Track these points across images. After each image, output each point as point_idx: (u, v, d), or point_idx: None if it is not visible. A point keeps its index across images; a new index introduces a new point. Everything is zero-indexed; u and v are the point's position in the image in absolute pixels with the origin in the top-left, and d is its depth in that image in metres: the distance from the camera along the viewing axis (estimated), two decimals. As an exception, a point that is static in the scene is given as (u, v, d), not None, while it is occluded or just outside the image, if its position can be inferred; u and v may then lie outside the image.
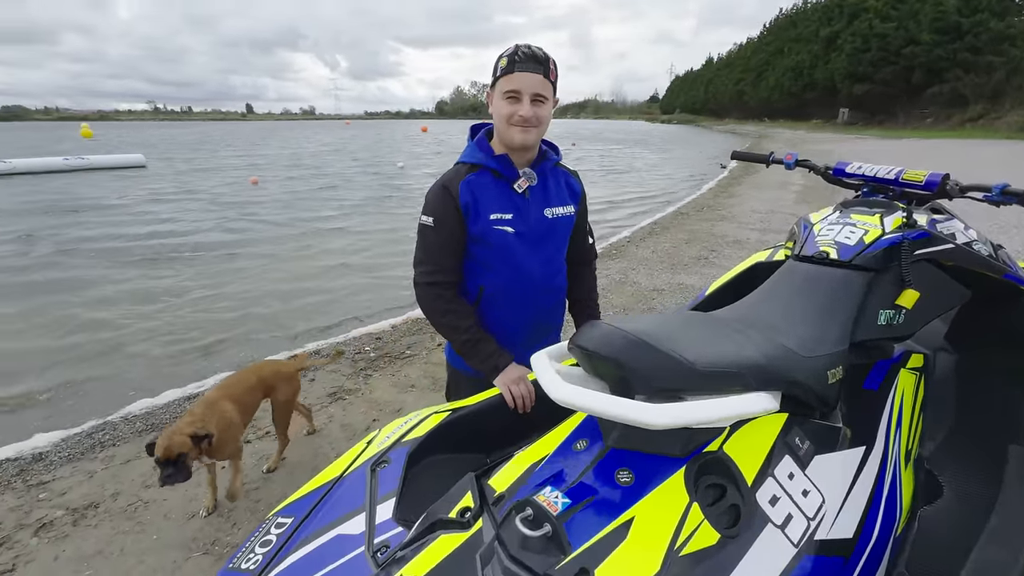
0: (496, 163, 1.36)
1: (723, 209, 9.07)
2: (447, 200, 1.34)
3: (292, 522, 0.93)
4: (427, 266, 1.38)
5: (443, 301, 1.38)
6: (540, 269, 1.44)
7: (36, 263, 6.55)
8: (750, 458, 0.79)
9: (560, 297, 1.57)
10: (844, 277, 1.10)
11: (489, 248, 1.38)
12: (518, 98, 1.27)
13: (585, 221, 1.59)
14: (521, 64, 1.25)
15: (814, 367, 0.89)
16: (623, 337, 0.73)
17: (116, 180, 14.81)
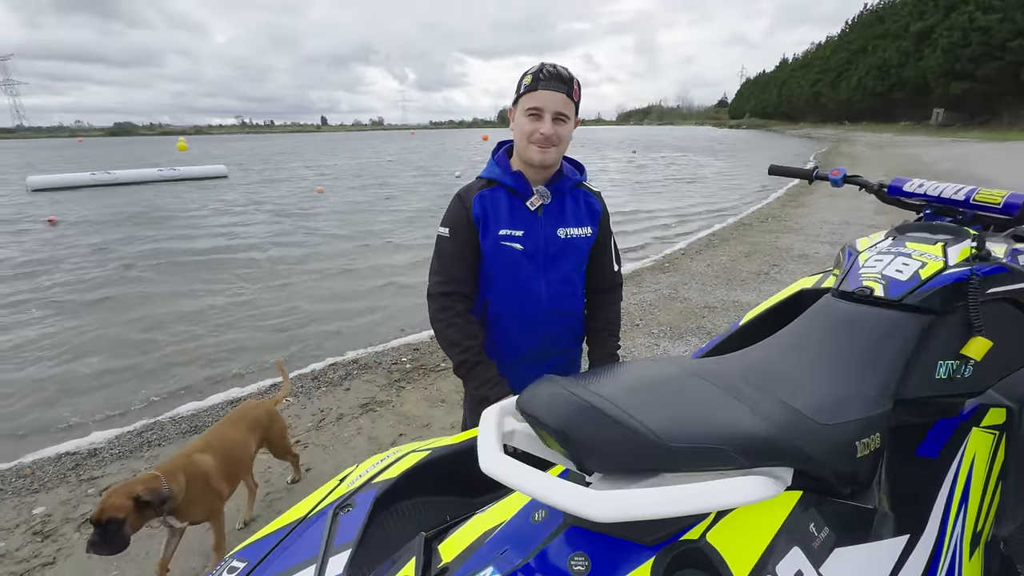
0: (511, 179, 1.35)
1: (790, 220, 8.47)
2: (461, 211, 1.35)
3: (245, 568, 0.87)
4: (440, 276, 1.37)
5: (450, 313, 1.34)
6: (548, 290, 1.39)
7: (107, 273, 7.17)
8: (743, 550, 0.65)
9: (570, 321, 1.47)
10: (892, 320, 0.92)
11: (496, 263, 1.36)
12: (540, 116, 1.26)
13: (608, 244, 1.49)
14: (545, 82, 1.24)
15: (835, 438, 0.72)
16: (571, 402, 0.62)
17: (197, 190, 16.06)
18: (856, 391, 0.82)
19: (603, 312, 1.51)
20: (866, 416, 0.78)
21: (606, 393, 0.63)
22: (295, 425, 2.92)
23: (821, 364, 0.86)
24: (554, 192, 1.36)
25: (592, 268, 1.47)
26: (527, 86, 1.26)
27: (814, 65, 74.50)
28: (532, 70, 1.27)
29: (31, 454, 2.81)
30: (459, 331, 1.33)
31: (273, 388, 3.43)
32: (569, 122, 1.29)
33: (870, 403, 0.81)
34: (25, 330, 4.94)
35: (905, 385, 0.88)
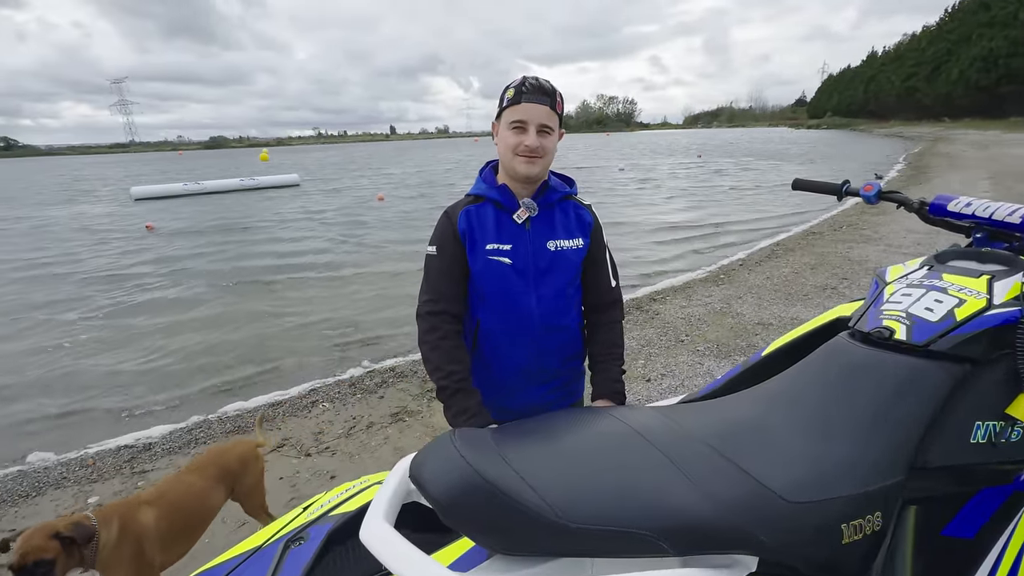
0: (497, 193, 1.33)
1: (868, 228, 7.75)
2: (447, 228, 1.33)
3: (194, 595, 0.87)
4: (428, 295, 1.35)
5: (436, 335, 1.31)
6: (540, 305, 1.33)
7: (183, 276, 7.77)
8: None
9: (566, 338, 1.40)
10: (913, 369, 0.77)
11: (485, 279, 1.32)
12: (524, 128, 1.25)
13: (603, 257, 1.42)
14: (528, 95, 1.24)
15: (810, 521, 0.60)
16: (460, 473, 0.54)
17: (270, 200, 17.17)
18: (855, 458, 0.68)
19: (603, 334, 1.43)
20: (860, 491, 0.65)
21: (513, 455, 0.55)
22: (326, 431, 3.00)
23: (814, 422, 0.73)
24: (542, 205, 1.33)
25: (587, 283, 1.41)
26: (510, 99, 1.25)
27: (908, 58, 68.27)
28: (514, 84, 1.26)
29: (95, 444, 3.08)
30: (443, 355, 1.29)
31: (311, 392, 3.56)
32: (553, 134, 1.28)
33: (871, 473, 0.67)
34: (110, 324, 5.46)
35: (927, 450, 0.73)
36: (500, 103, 1.30)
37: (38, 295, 6.75)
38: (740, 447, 0.66)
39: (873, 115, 77.25)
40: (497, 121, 1.33)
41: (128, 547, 1.50)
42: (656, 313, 4.61)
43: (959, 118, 51.01)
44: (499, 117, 1.32)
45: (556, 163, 1.39)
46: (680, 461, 0.60)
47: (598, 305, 1.44)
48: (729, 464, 0.62)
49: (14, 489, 2.68)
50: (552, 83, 1.27)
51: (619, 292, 1.47)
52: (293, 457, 2.77)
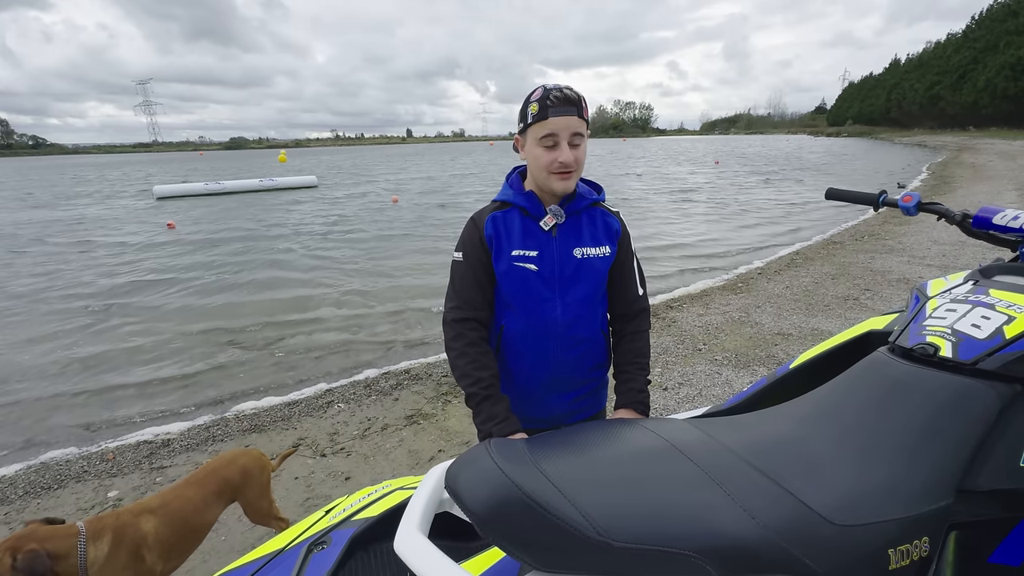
0: (524, 200, 1.32)
1: (891, 238, 7.60)
2: (474, 233, 1.33)
3: (217, 596, 0.87)
4: (454, 301, 1.34)
5: (463, 342, 1.30)
6: (564, 313, 1.32)
7: (201, 274, 7.89)
8: None
9: (591, 347, 1.38)
10: (960, 388, 0.74)
11: (510, 285, 1.31)
12: (557, 144, 1.21)
13: (631, 265, 1.41)
14: (555, 108, 1.20)
15: (858, 545, 0.57)
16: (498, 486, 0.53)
17: (289, 200, 17.39)
18: (900, 480, 0.66)
19: (628, 343, 1.41)
20: (908, 515, 0.62)
21: (551, 468, 0.54)
22: (341, 432, 3.01)
23: (855, 441, 0.70)
24: (569, 212, 1.31)
25: (615, 291, 1.39)
26: (535, 115, 1.21)
27: (932, 65, 67.06)
28: (537, 97, 1.21)
29: (115, 440, 3.13)
30: (471, 361, 1.28)
31: (327, 392, 3.58)
32: (584, 142, 1.25)
33: (918, 497, 0.65)
34: (127, 321, 5.56)
35: (975, 473, 0.70)
36: (523, 118, 1.26)
37: (53, 290, 6.91)
38: (780, 465, 0.63)
39: (895, 124, 75.96)
40: (521, 136, 1.30)
41: (126, 555, 1.49)
42: (673, 321, 4.56)
43: (985, 127, 49.92)
44: (523, 132, 1.27)
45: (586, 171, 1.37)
46: (721, 479, 0.58)
47: (625, 314, 1.41)
48: (771, 483, 0.60)
49: (37, 481, 2.72)
50: (574, 89, 1.23)
51: (646, 301, 1.45)
52: (308, 457, 2.78)
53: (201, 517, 1.71)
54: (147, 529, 1.56)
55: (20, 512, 2.48)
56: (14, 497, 2.61)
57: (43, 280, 7.49)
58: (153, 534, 1.57)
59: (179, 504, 1.67)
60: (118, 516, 1.55)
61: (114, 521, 1.52)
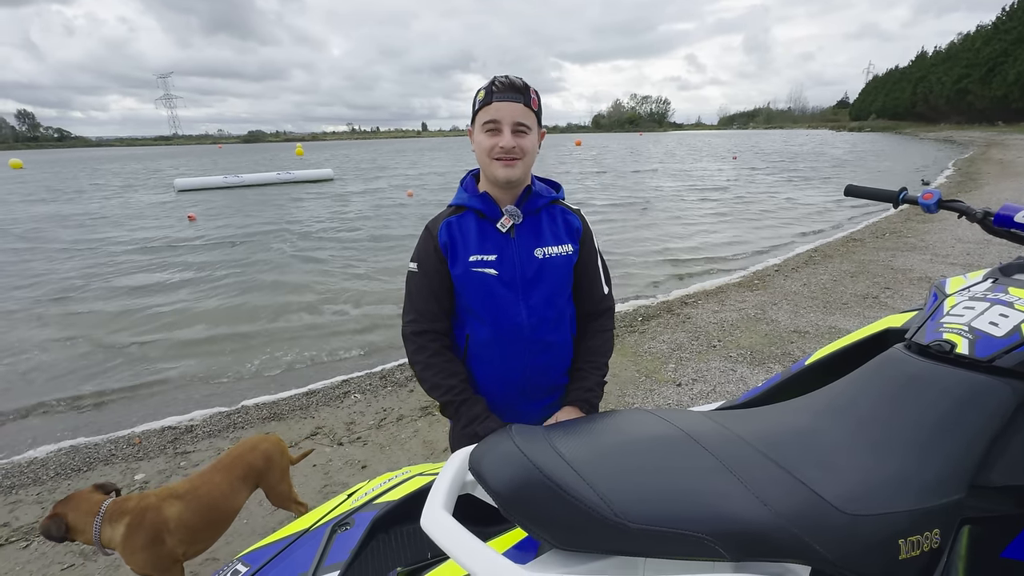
0: (478, 202, 1.27)
1: (913, 236, 7.45)
2: (428, 242, 1.28)
3: (247, 572, 0.91)
4: (411, 315, 1.29)
5: (426, 354, 1.27)
6: (530, 316, 1.26)
7: (220, 268, 8.03)
8: None
9: (559, 354, 1.34)
10: (976, 385, 0.74)
11: (471, 292, 1.26)
12: (499, 129, 1.18)
13: (595, 264, 1.36)
14: (499, 94, 1.17)
15: (868, 534, 0.59)
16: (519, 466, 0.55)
17: (306, 193, 17.59)
18: (912, 473, 0.67)
19: (588, 341, 1.37)
20: (919, 507, 0.63)
21: (570, 453, 0.56)
22: (358, 422, 3.07)
23: (868, 434, 0.72)
24: (527, 211, 1.27)
25: (579, 291, 1.35)
26: (481, 101, 1.18)
27: (960, 58, 65.11)
28: (485, 85, 1.19)
29: (142, 424, 3.23)
30: (438, 371, 1.26)
31: (343, 383, 3.65)
32: (531, 133, 1.20)
33: (929, 490, 0.66)
34: (150, 310, 5.71)
35: (989, 468, 0.71)
36: (473, 107, 1.23)
37: (76, 277, 7.11)
38: (793, 456, 0.65)
39: (921, 118, 74.06)
40: (471, 127, 1.26)
41: (144, 538, 1.55)
42: (687, 317, 4.54)
43: (1015, 122, 48.42)
44: (473, 122, 1.25)
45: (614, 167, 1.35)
46: (734, 467, 0.60)
47: (591, 313, 1.38)
48: (783, 472, 0.61)
49: (67, 463, 2.83)
50: (524, 80, 1.19)
51: (612, 300, 1.41)
52: (326, 446, 2.84)
53: (229, 502, 1.76)
54: (170, 514, 1.61)
55: (51, 492, 2.59)
56: (46, 478, 2.72)
57: (76, 271, 7.70)
58: (176, 519, 1.61)
59: (207, 490, 1.72)
60: (142, 499, 1.61)
61: (136, 504, 1.58)
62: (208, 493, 1.72)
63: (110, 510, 1.56)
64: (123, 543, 1.54)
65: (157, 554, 1.58)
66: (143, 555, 1.56)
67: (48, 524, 1.51)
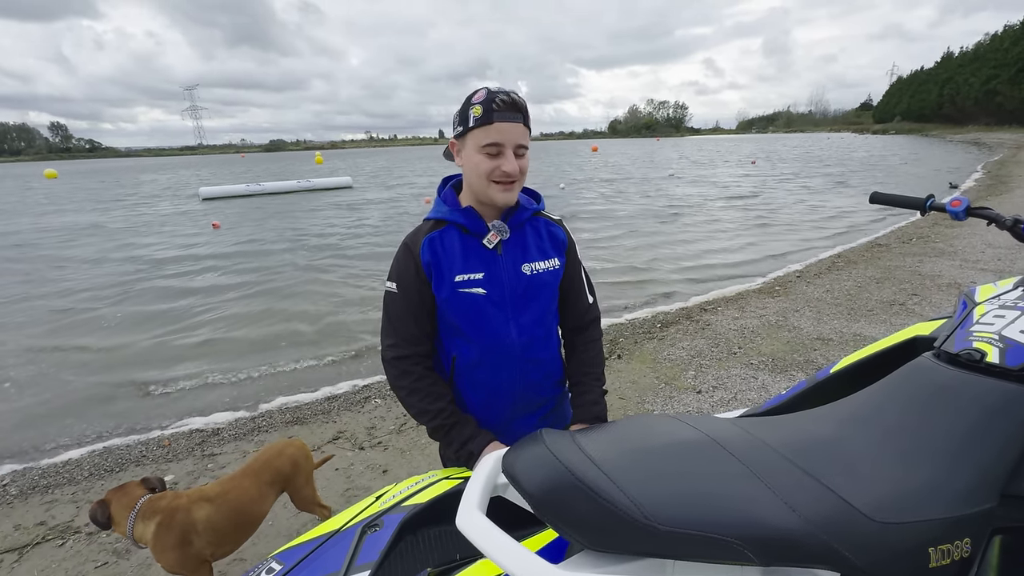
0: (462, 217, 1.20)
1: (942, 240, 7.27)
2: (408, 261, 1.21)
3: (280, 570, 0.94)
4: (391, 338, 1.24)
5: (410, 379, 1.22)
6: (520, 335, 1.23)
7: (242, 275, 8.19)
8: None
9: (549, 369, 1.32)
10: (1007, 394, 0.74)
11: (458, 314, 1.20)
12: (501, 151, 1.12)
13: (579, 275, 1.33)
14: (501, 113, 1.09)
15: (897, 542, 0.59)
16: (551, 468, 0.57)
17: (322, 202, 17.88)
18: (941, 482, 0.67)
19: (581, 354, 1.35)
20: (950, 516, 0.63)
21: (599, 457, 0.58)
22: (379, 427, 3.11)
23: (897, 443, 0.72)
24: (513, 225, 1.21)
25: (565, 304, 1.32)
26: (478, 119, 1.10)
27: (988, 58, 63.49)
28: (480, 99, 1.11)
29: (172, 427, 3.32)
30: (424, 396, 1.22)
31: (364, 388, 3.70)
32: (527, 153, 1.16)
33: (960, 499, 0.66)
34: (173, 316, 5.87)
35: (1021, 477, 0.71)
36: (462, 121, 1.14)
37: (107, 282, 7.34)
38: (820, 463, 0.65)
39: (948, 120, 72.26)
40: (458, 140, 1.18)
41: (172, 538, 1.60)
42: (707, 324, 4.50)
43: (1048, 123, 46.89)
44: (462, 136, 1.16)
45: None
46: (762, 473, 0.61)
47: (577, 326, 1.35)
48: (812, 480, 0.62)
49: (100, 464, 2.93)
50: (519, 94, 1.14)
51: (597, 309, 1.38)
52: (348, 450, 2.89)
53: (257, 506, 1.80)
54: (199, 516, 1.65)
55: (86, 492, 2.67)
56: (80, 478, 2.81)
57: (108, 276, 7.96)
58: (204, 521, 1.65)
59: (236, 494, 1.76)
60: (174, 499, 1.66)
61: (168, 504, 1.63)
62: (237, 497, 1.76)
63: (144, 507, 1.61)
64: (153, 541, 1.59)
65: (185, 554, 1.62)
66: (171, 554, 1.61)
67: (95, 508, 1.59)
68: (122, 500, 1.61)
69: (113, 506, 1.60)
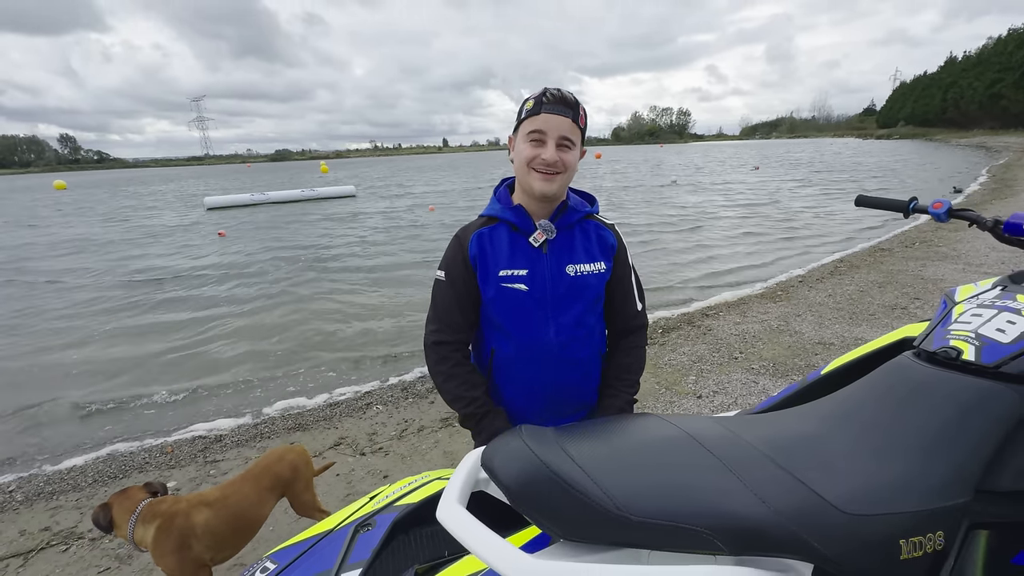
0: (511, 214, 1.25)
1: (945, 244, 7.24)
2: (457, 253, 1.26)
3: (275, 569, 0.96)
4: (435, 324, 1.28)
5: (447, 364, 1.26)
6: (558, 335, 1.24)
7: (249, 284, 8.26)
8: None
9: (587, 372, 1.32)
10: (982, 391, 0.75)
11: (499, 307, 1.24)
12: (543, 140, 1.15)
13: (628, 280, 1.34)
14: (549, 106, 1.15)
15: (868, 534, 0.60)
16: (527, 462, 0.59)
17: (326, 211, 18.01)
18: (914, 476, 0.68)
19: (620, 357, 1.35)
20: (922, 509, 0.65)
21: (575, 451, 0.59)
22: (380, 432, 3.13)
23: (873, 439, 0.73)
24: (560, 226, 1.24)
25: (611, 308, 1.33)
26: (528, 111, 1.16)
27: (993, 63, 63.37)
28: (534, 95, 1.17)
29: (175, 434, 3.35)
30: (460, 383, 1.25)
31: (366, 394, 3.72)
32: (575, 149, 1.18)
33: (932, 493, 0.67)
34: (180, 323, 5.92)
35: (996, 474, 0.72)
36: (518, 116, 1.21)
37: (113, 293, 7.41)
38: (795, 458, 0.67)
39: (952, 124, 72.09)
40: (514, 135, 1.23)
41: (171, 542, 1.60)
42: (708, 329, 4.50)
43: (1053, 126, 46.67)
44: (516, 130, 1.22)
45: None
46: (735, 467, 0.63)
47: (624, 330, 1.36)
48: (784, 473, 0.63)
49: (104, 471, 2.95)
50: (575, 96, 1.17)
51: (645, 317, 1.38)
52: (349, 456, 2.90)
53: (256, 511, 1.80)
54: (198, 520, 1.66)
55: (89, 499, 2.70)
56: (84, 484, 2.84)
57: (115, 285, 8.04)
58: (203, 525, 1.66)
59: (236, 499, 1.77)
60: (174, 504, 1.67)
61: (168, 508, 1.64)
62: (237, 503, 1.77)
63: (144, 511, 1.62)
64: (153, 544, 1.60)
65: (184, 558, 1.63)
66: (171, 558, 1.61)
67: (97, 512, 1.61)
68: (124, 504, 1.63)
69: (115, 509, 1.62)
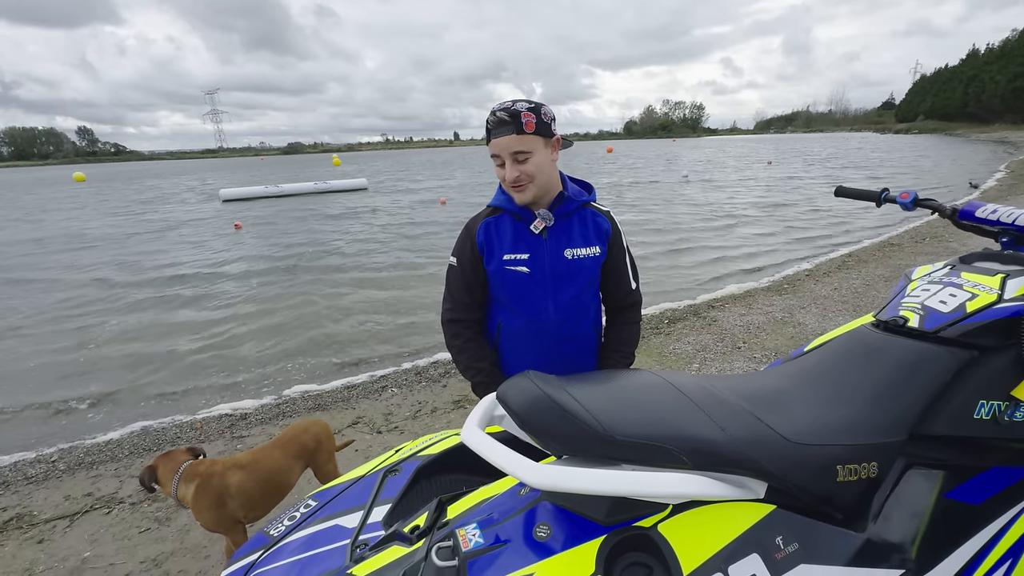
0: (513, 206, 1.39)
1: (955, 240, 7.24)
2: (466, 240, 1.43)
3: (316, 505, 1.12)
4: (448, 304, 1.47)
5: (461, 339, 1.45)
6: (557, 312, 1.41)
7: (266, 274, 8.47)
8: (695, 545, 0.71)
9: (583, 345, 1.49)
10: (920, 352, 0.88)
11: (503, 287, 1.41)
12: (502, 162, 1.31)
13: (623, 262, 1.49)
14: (494, 130, 1.29)
15: (808, 459, 0.74)
16: (534, 394, 0.73)
17: (340, 203, 18.25)
18: (856, 418, 0.81)
19: (615, 331, 1.51)
20: (859, 443, 0.78)
21: (572, 390, 0.74)
22: (395, 413, 3.30)
23: (827, 390, 0.86)
24: (559, 214, 1.38)
25: (607, 287, 1.48)
26: (485, 137, 1.32)
27: (1016, 55, 61.91)
28: (488, 118, 1.30)
29: (204, 412, 3.55)
30: (471, 355, 1.44)
31: (382, 379, 3.90)
32: (533, 155, 1.28)
33: (869, 431, 0.80)
34: (203, 312, 6.15)
35: (929, 420, 0.85)
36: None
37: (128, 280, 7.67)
38: (757, 403, 0.80)
39: (973, 118, 70.57)
40: None
41: (208, 499, 1.77)
42: (714, 320, 4.61)
43: (1078, 121, 45.53)
44: None
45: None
46: (704, 405, 0.77)
47: (619, 307, 1.52)
48: (746, 412, 0.77)
49: (139, 444, 3.16)
50: (520, 103, 1.25)
51: (639, 294, 1.53)
52: (367, 433, 3.08)
53: (284, 476, 1.97)
54: (232, 481, 1.83)
55: (127, 468, 2.90)
56: (121, 456, 3.05)
57: (138, 276, 8.32)
58: (236, 485, 1.83)
59: (266, 464, 1.94)
60: (211, 465, 1.85)
61: (206, 469, 1.82)
62: (266, 467, 1.94)
63: (186, 471, 1.80)
64: (192, 501, 1.78)
65: (220, 515, 1.80)
66: (208, 514, 1.79)
67: (144, 472, 1.79)
68: (168, 464, 1.81)
69: (160, 470, 1.81)
